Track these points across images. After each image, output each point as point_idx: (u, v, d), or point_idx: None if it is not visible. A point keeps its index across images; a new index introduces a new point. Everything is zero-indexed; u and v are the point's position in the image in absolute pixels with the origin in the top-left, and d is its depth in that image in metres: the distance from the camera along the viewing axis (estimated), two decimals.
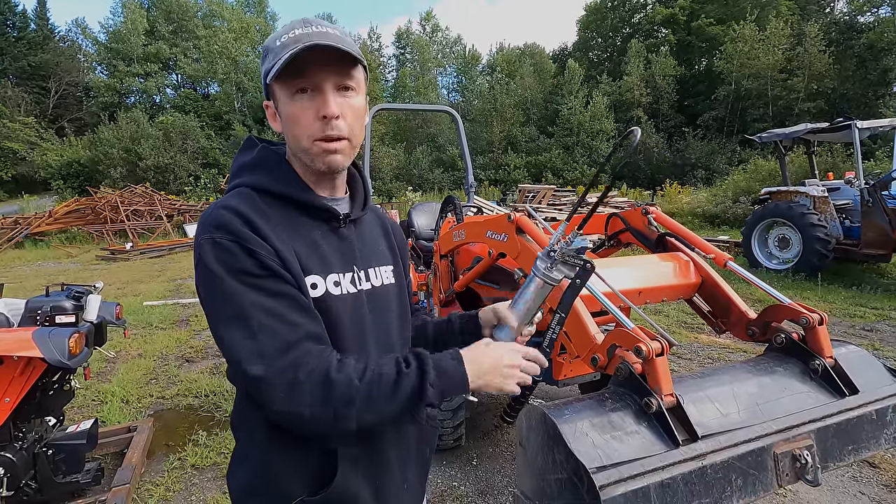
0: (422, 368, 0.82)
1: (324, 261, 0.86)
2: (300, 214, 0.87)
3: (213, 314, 0.77)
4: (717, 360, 4.00)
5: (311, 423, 0.76)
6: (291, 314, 0.77)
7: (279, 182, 0.87)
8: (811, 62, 27.51)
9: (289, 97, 0.82)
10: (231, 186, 0.88)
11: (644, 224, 2.33)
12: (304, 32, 0.81)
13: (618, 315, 1.55)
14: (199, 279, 0.78)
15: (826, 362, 1.60)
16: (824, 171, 9.57)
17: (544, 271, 1.08)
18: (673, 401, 1.36)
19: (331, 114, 0.82)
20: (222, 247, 0.76)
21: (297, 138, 0.85)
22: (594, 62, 41.64)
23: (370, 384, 0.78)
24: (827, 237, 6.61)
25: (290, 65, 0.79)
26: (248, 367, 0.73)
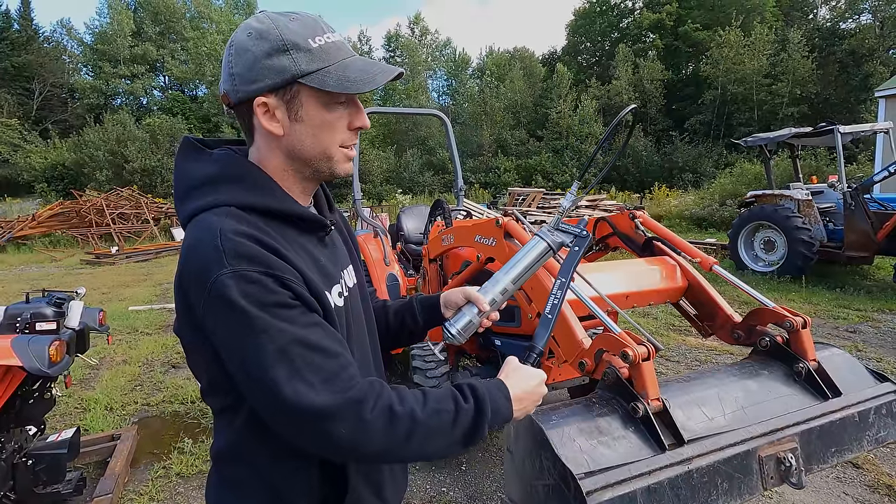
0: (480, 408, 0.81)
1: (325, 274, 0.84)
2: (291, 229, 0.82)
3: (245, 357, 0.69)
4: (705, 362, 4.04)
5: (372, 457, 0.75)
6: (331, 344, 0.74)
7: (271, 197, 0.80)
8: (795, 68, 28.02)
9: (324, 105, 0.80)
10: (205, 205, 0.77)
11: (631, 228, 2.35)
12: (340, 40, 0.82)
13: (604, 319, 1.56)
14: (221, 320, 0.69)
15: (809, 365, 1.62)
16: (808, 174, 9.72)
17: (549, 235, 1.11)
18: (659, 405, 1.37)
19: (367, 125, 0.86)
20: (250, 279, 0.68)
21: (325, 145, 0.82)
22: (583, 66, 42.02)
23: (430, 418, 0.76)
24: (811, 240, 6.71)
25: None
26: (305, 402, 0.68)
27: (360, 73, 0.80)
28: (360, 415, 0.71)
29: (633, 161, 30.58)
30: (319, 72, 0.77)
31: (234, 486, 0.83)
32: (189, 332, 0.76)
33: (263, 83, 0.77)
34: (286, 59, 0.76)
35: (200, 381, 0.84)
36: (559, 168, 30.50)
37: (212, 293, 0.68)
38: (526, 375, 0.94)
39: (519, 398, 0.88)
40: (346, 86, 0.78)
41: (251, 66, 0.77)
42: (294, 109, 0.79)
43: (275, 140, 0.81)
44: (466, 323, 1.05)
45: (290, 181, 0.85)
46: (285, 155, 0.83)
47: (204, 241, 0.71)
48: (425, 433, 0.76)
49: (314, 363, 0.71)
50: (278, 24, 0.77)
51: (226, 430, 0.82)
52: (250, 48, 0.77)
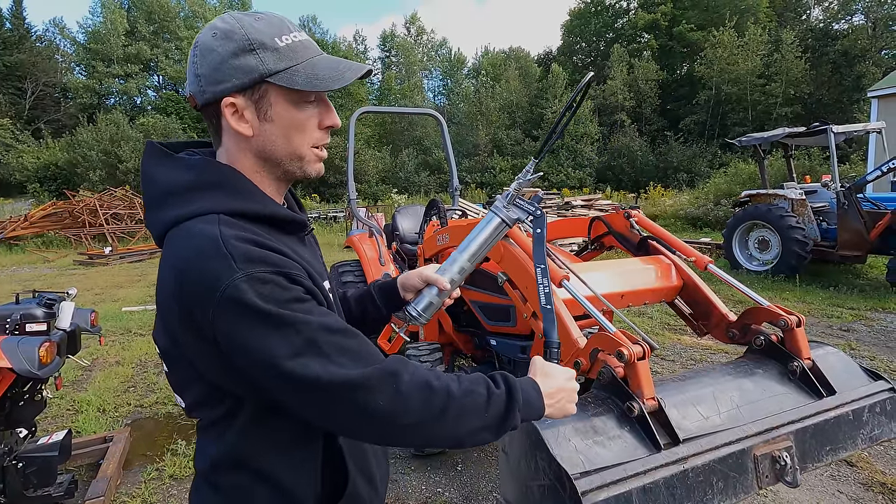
0: (511, 394, 0.82)
1: (316, 270, 0.84)
2: (276, 232, 0.82)
3: (273, 356, 0.68)
4: (700, 361, 4.05)
5: (408, 430, 0.74)
6: (347, 326, 0.76)
7: (255, 201, 0.80)
8: (788, 68, 28.22)
9: (293, 104, 0.79)
10: (189, 213, 0.74)
11: (626, 227, 2.34)
12: (307, 39, 0.81)
13: (599, 319, 1.55)
14: (240, 325, 0.67)
15: (804, 364, 1.63)
16: (802, 174, 9.78)
17: (504, 210, 1.13)
18: (654, 404, 1.37)
19: (337, 124, 0.86)
20: (264, 280, 0.68)
21: (296, 144, 0.81)
22: (578, 66, 42.10)
23: (465, 396, 0.77)
24: (805, 239, 6.74)
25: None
26: (340, 378, 0.69)
27: (329, 70, 0.79)
28: (396, 386, 0.72)
29: (629, 161, 30.70)
30: (287, 70, 0.77)
31: (235, 494, 0.82)
32: (187, 343, 0.74)
33: (230, 83, 0.76)
34: (253, 58, 0.75)
35: (185, 397, 0.81)
36: (555, 168, 30.56)
37: (225, 300, 0.67)
38: (554, 372, 0.95)
39: (550, 394, 0.90)
40: (315, 84, 0.77)
41: (217, 67, 0.75)
42: (263, 109, 0.78)
43: (244, 141, 0.80)
44: (427, 304, 1.07)
45: (263, 182, 0.84)
46: (256, 156, 0.82)
47: (206, 250, 0.70)
48: (459, 410, 0.76)
49: (341, 345, 0.72)
50: (243, 23, 0.76)
51: (219, 440, 0.80)
52: (216, 48, 0.76)
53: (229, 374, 0.72)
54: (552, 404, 0.90)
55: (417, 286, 1.11)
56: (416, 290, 1.11)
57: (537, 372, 0.94)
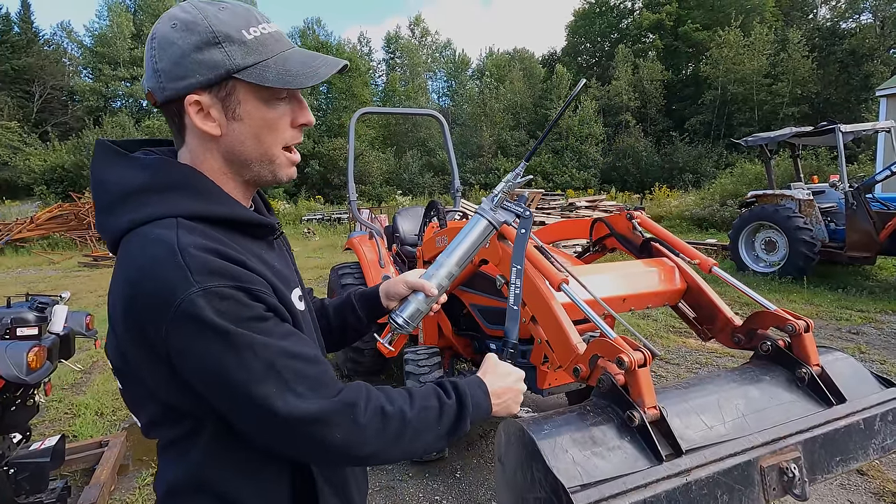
0: (462, 402, 0.83)
1: (284, 279, 0.79)
2: (242, 236, 0.76)
3: (229, 378, 0.64)
4: (706, 364, 3.97)
5: (362, 459, 0.75)
6: (309, 350, 0.72)
7: (219, 203, 0.74)
8: (795, 67, 28.00)
9: (264, 101, 0.74)
10: (145, 217, 0.69)
11: (629, 229, 2.29)
12: (277, 31, 0.76)
13: (599, 324, 1.50)
14: (195, 343, 0.63)
15: (813, 370, 1.57)
16: (809, 174, 9.67)
17: (490, 212, 1.09)
18: (656, 414, 1.32)
19: (311, 122, 0.81)
20: (223, 295, 0.63)
21: (267, 146, 0.76)
22: (583, 67, 42.01)
23: (418, 415, 0.78)
24: (812, 240, 6.64)
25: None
26: (299, 412, 0.66)
27: (302, 66, 0.74)
28: (353, 418, 0.71)
29: (634, 161, 30.58)
30: (257, 66, 0.71)
31: None
32: (137, 360, 0.69)
33: (194, 79, 0.70)
34: (218, 52, 0.70)
35: (140, 416, 0.76)
36: (559, 169, 30.48)
37: (180, 315, 0.62)
38: (504, 372, 0.96)
39: (497, 394, 0.91)
40: (287, 80, 0.72)
41: (178, 62, 0.70)
42: (231, 107, 0.73)
43: (211, 141, 0.75)
44: (414, 311, 1.03)
45: (229, 185, 0.78)
46: (223, 157, 0.76)
47: (160, 259, 0.64)
48: (414, 431, 0.77)
49: (300, 372, 0.69)
50: (206, 14, 0.71)
51: (178, 461, 0.74)
52: (176, 41, 0.70)
53: (184, 393, 0.67)
54: (498, 404, 0.91)
55: (402, 293, 1.06)
56: (400, 298, 1.06)
57: (488, 370, 0.95)
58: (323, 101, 37.71)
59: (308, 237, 16.61)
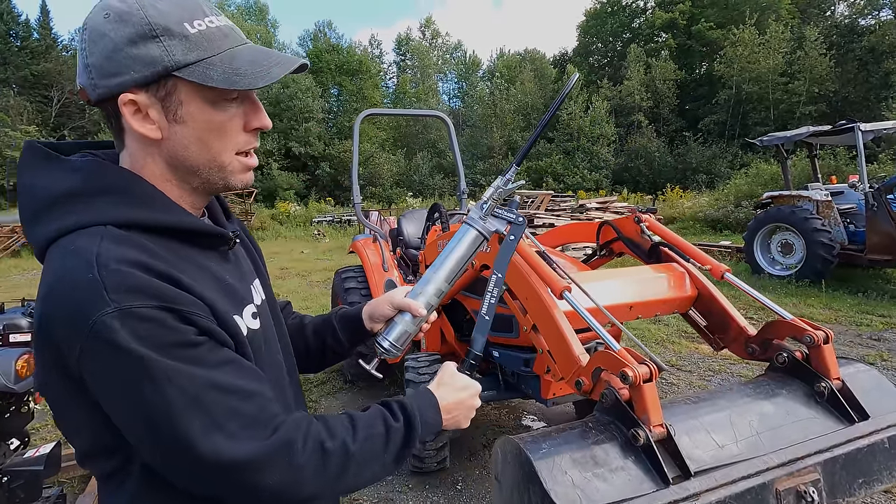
0: (410, 425, 0.79)
1: (233, 295, 0.72)
2: (187, 246, 0.69)
3: (146, 412, 0.57)
4: (719, 372, 3.85)
5: (302, 501, 0.68)
6: (247, 383, 0.65)
7: (158, 209, 0.67)
8: (812, 65, 27.45)
9: (210, 102, 0.67)
10: (71, 225, 0.62)
11: (637, 233, 2.20)
12: (227, 25, 0.70)
13: (602, 334, 1.42)
14: (109, 371, 0.57)
15: (833, 384, 1.47)
16: (827, 174, 9.42)
17: (481, 221, 1.01)
18: (663, 432, 1.23)
19: (267, 125, 0.74)
20: (142, 317, 0.57)
21: (215, 151, 0.70)
22: (594, 67, 41.68)
23: (363, 446, 0.72)
24: (831, 242, 6.47)
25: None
26: (227, 456, 0.59)
27: (252, 64, 0.67)
28: (290, 459, 0.64)
29: (646, 162, 30.23)
30: (200, 63, 0.65)
31: None
32: (58, 386, 0.62)
33: (128, 76, 0.63)
34: (155, 47, 0.63)
35: (74, 444, 0.69)
36: (570, 170, 30.25)
37: (92, 339, 0.55)
38: (458, 386, 0.91)
39: (448, 409, 0.87)
40: (233, 80, 0.65)
41: (110, 56, 0.63)
42: (172, 108, 0.66)
43: (152, 145, 0.68)
44: (401, 333, 0.95)
45: (174, 193, 0.71)
46: (166, 162, 0.70)
47: (74, 273, 0.57)
48: (358, 465, 0.71)
49: (231, 408, 0.61)
50: (143, 3, 0.64)
51: (117, 493, 0.68)
52: (108, 33, 0.63)
53: (106, 425, 0.61)
54: (450, 419, 0.88)
55: (387, 314, 0.98)
56: (385, 319, 0.98)
57: (443, 380, 0.91)
58: (334, 103, 37.91)
59: (318, 239, 16.66)
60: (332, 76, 37.74)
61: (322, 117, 33.01)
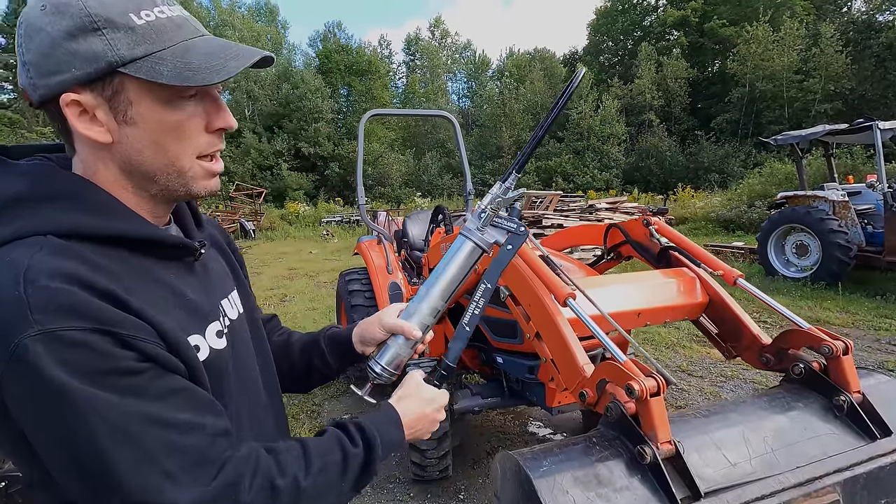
0: (370, 448, 0.75)
1: (195, 312, 0.67)
2: (142, 257, 0.64)
3: (72, 450, 0.52)
4: (732, 378, 3.75)
5: None
6: (193, 415, 0.58)
7: (111, 217, 0.62)
8: (828, 63, 26.94)
9: (164, 102, 0.62)
10: (9, 235, 0.57)
11: (645, 236, 2.13)
12: (180, 15, 0.64)
13: (608, 344, 1.35)
14: (32, 402, 0.51)
15: (853, 398, 1.39)
16: (844, 174, 9.22)
17: (478, 232, 0.94)
18: (671, 449, 1.16)
19: (232, 125, 0.69)
20: (72, 341, 0.51)
21: (173, 155, 0.64)
22: (605, 66, 41.35)
23: (317, 479, 0.67)
24: (848, 244, 6.31)
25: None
26: (162, 498, 0.53)
27: (207, 58, 0.61)
28: (235, 500, 0.58)
29: (657, 162, 29.91)
30: (148, 58, 0.59)
31: None
32: None
33: (69, 74, 0.57)
34: (97, 41, 0.57)
35: (23, 473, 0.65)
36: (580, 169, 30.03)
37: (14, 364, 0.50)
38: (423, 400, 0.87)
39: (411, 424, 0.84)
40: (185, 76, 0.59)
41: (48, 53, 0.57)
42: (120, 109, 0.61)
43: (103, 149, 0.63)
44: (393, 357, 0.90)
45: (131, 200, 0.66)
46: (119, 168, 0.64)
47: (1, 289, 0.52)
48: (312, 498, 0.66)
49: (173, 445, 0.55)
50: None
51: None
52: (44, 27, 0.57)
53: (33, 454, 0.56)
54: (413, 433, 0.85)
55: (378, 338, 0.92)
56: (375, 342, 0.93)
57: (408, 393, 0.87)
58: (343, 103, 38.02)
59: (327, 239, 16.69)
60: (341, 77, 37.85)
61: (331, 118, 33.10)
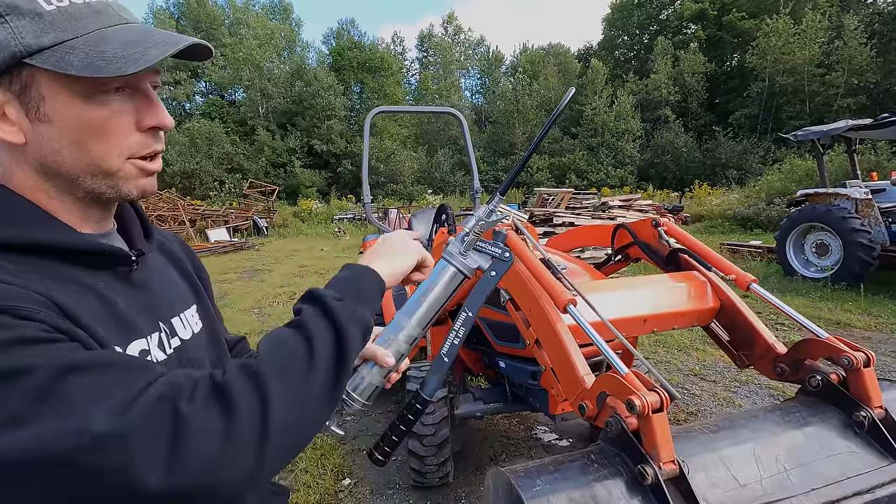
0: (324, 307, 0.62)
1: (123, 325, 0.61)
2: (66, 266, 0.59)
3: None
4: (746, 383, 3.62)
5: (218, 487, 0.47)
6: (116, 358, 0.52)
7: (20, 225, 0.57)
8: (851, 56, 26.18)
9: (83, 96, 0.56)
10: None
11: (654, 237, 2.04)
12: (100, 2, 0.58)
13: (609, 355, 1.28)
14: None
15: (874, 413, 1.29)
16: (867, 170, 8.92)
17: (460, 257, 0.88)
18: (674, 469, 1.09)
19: (167, 124, 0.63)
20: None
21: (97, 155, 0.59)
22: (620, 61, 40.80)
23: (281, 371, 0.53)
24: (871, 243, 6.09)
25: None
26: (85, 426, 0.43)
27: (124, 46, 0.56)
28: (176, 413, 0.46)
29: (673, 158, 29.44)
30: (58, 47, 0.54)
31: None
32: None
33: None
34: (2, 29, 0.52)
35: None
36: (594, 166, 29.71)
37: None
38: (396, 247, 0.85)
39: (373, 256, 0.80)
40: (98, 66, 0.54)
41: None
42: (32, 105, 0.55)
43: (16, 150, 0.58)
44: (365, 386, 0.83)
45: (53, 205, 0.61)
46: (36, 170, 0.59)
47: None
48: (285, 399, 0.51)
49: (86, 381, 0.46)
50: None
51: None
52: None
53: None
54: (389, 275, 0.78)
55: None
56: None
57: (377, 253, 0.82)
58: (356, 100, 38.09)
59: (339, 236, 16.74)
60: (354, 74, 37.92)
61: (344, 115, 33.20)
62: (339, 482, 2.58)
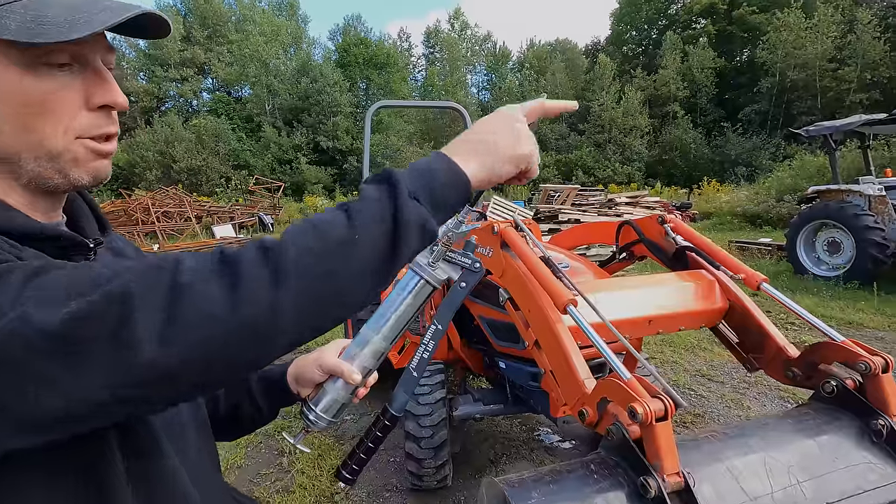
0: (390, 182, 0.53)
1: None
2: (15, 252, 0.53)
3: None
4: (755, 384, 3.53)
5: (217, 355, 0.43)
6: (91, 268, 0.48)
7: None
8: (865, 50, 25.78)
9: (24, 66, 0.51)
10: None
11: (660, 235, 1.97)
12: None
13: (610, 358, 1.21)
14: None
15: (892, 422, 1.22)
16: (881, 167, 8.73)
17: (428, 268, 0.80)
18: (679, 482, 1.02)
19: (120, 102, 0.58)
20: None
21: (42, 135, 0.53)
22: (628, 56, 40.48)
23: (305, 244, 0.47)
24: (884, 241, 5.97)
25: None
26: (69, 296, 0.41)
27: (69, 10, 0.50)
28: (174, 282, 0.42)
29: (681, 154, 29.21)
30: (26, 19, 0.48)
31: None
32: None
33: None
34: None
35: None
36: (601, 163, 29.54)
37: None
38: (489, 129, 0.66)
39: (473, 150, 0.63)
40: (36, 31, 0.48)
41: None
42: None
43: None
44: (330, 403, 0.78)
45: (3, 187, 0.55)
46: None
47: None
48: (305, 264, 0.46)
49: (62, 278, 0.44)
50: None
51: None
52: None
53: None
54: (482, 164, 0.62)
55: (315, 379, 0.80)
56: (312, 384, 0.81)
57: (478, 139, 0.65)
58: (362, 97, 38.04)
59: None
60: (360, 70, 37.85)
61: (350, 111, 33.18)
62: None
